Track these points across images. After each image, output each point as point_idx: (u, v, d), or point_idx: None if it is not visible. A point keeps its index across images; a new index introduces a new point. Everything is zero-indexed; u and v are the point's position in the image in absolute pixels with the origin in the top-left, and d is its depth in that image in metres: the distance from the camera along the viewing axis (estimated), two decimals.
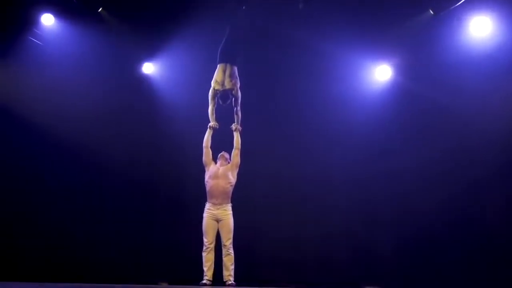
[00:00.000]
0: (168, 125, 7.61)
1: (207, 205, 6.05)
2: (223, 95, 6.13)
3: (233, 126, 6.21)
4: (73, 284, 5.77)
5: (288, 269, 7.32)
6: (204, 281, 5.86)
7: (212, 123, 6.17)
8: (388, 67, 7.68)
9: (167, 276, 7.08)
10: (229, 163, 6.19)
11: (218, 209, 6.00)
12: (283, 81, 7.74)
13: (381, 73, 7.75)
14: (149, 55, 7.72)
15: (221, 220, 6.00)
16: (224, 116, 6.21)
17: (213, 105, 6.20)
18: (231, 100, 6.18)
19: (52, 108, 7.16)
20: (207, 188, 6.05)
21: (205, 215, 6.03)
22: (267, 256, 7.33)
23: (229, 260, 5.93)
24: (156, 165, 7.61)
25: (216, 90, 6.13)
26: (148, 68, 7.81)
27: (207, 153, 6.13)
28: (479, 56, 6.91)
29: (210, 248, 5.93)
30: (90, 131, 7.33)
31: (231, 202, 6.07)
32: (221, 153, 6.26)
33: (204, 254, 5.93)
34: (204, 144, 6.15)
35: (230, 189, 6.07)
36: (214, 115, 6.19)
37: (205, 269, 5.90)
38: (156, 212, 7.51)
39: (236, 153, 6.12)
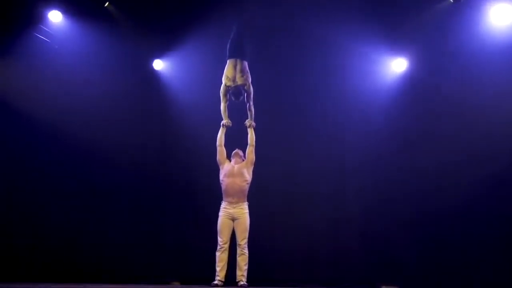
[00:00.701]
0: (180, 123, 7.45)
1: (223, 204, 5.94)
2: (235, 92, 5.98)
3: (247, 123, 6.10)
4: (84, 284, 5.71)
5: (302, 269, 7.16)
6: (215, 282, 5.75)
7: (225, 121, 6.06)
8: (404, 59, 7.40)
9: (179, 276, 6.96)
10: (243, 160, 6.07)
11: (234, 207, 5.89)
12: (296, 74, 7.53)
13: (397, 66, 7.49)
14: (159, 51, 7.55)
15: (237, 219, 5.88)
16: (236, 113, 6.07)
17: (225, 102, 6.07)
18: (244, 96, 6.03)
19: (59, 106, 7.03)
20: (223, 187, 5.94)
21: (220, 213, 5.92)
22: (280, 256, 7.15)
23: (243, 260, 5.81)
24: (168, 163, 7.47)
25: (228, 86, 5.99)
26: (159, 64, 7.65)
27: (221, 151, 6.02)
28: (501, 45, 6.61)
29: (224, 248, 5.82)
30: (99, 129, 7.19)
31: (247, 200, 5.93)
32: (235, 150, 6.15)
33: (218, 254, 5.82)
34: (217, 143, 6.03)
35: (246, 187, 5.95)
36: (227, 113, 6.06)
37: (217, 269, 5.79)
38: (169, 211, 7.37)
39: (251, 150, 6.02)
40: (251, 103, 6.07)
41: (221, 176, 5.97)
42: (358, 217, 7.31)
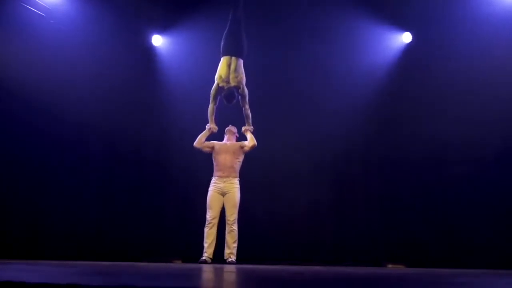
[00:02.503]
0: (180, 105, 7.24)
1: (213, 179, 5.77)
2: (228, 94, 5.55)
3: (244, 129, 5.80)
4: (86, 262, 5.59)
5: (306, 249, 7.01)
6: (204, 258, 5.55)
7: (210, 125, 5.71)
8: (409, 33, 7.25)
9: (180, 255, 6.84)
10: (237, 137, 5.87)
11: (224, 182, 5.69)
12: (300, 49, 7.35)
13: (402, 40, 7.33)
14: (159, 27, 7.32)
15: (226, 194, 5.68)
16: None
17: (214, 104, 5.67)
18: (237, 100, 5.64)
19: (52, 85, 6.59)
20: (215, 163, 5.78)
21: (210, 188, 5.75)
22: (281, 235, 7.01)
23: (231, 238, 5.60)
24: (167, 145, 7.31)
25: (220, 87, 5.57)
26: (158, 40, 7.43)
27: (204, 147, 5.75)
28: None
29: (212, 224, 5.63)
30: (95, 110, 6.92)
31: (239, 177, 5.78)
32: (228, 127, 5.95)
33: (206, 229, 5.62)
34: (195, 143, 5.73)
35: (238, 164, 5.77)
36: (214, 116, 5.69)
37: (205, 245, 5.59)
38: (169, 191, 7.25)
39: (249, 147, 5.75)
40: (247, 106, 5.66)
41: (213, 154, 5.78)
42: (362, 193, 7.17)
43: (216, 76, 5.61)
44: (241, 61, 5.63)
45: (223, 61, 5.62)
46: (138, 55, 7.31)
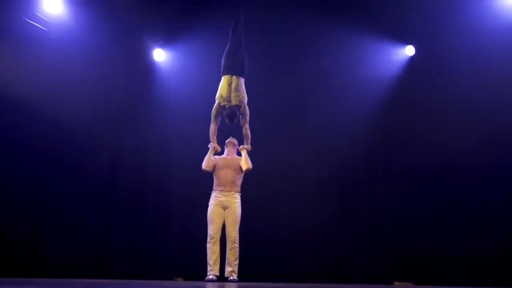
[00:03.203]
0: (180, 120, 7.15)
1: (214, 193, 5.63)
2: (230, 114, 5.45)
3: (241, 147, 5.69)
4: (88, 280, 5.47)
5: (311, 266, 6.84)
6: (210, 277, 5.39)
7: (214, 145, 5.64)
8: (412, 47, 7.25)
9: (182, 271, 6.69)
10: (238, 148, 5.77)
11: (226, 196, 5.56)
12: (300, 64, 7.32)
13: (405, 53, 7.32)
14: (161, 40, 7.28)
15: (228, 208, 5.54)
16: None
17: (216, 124, 5.59)
18: (238, 119, 5.56)
19: (52, 97, 6.58)
20: (215, 178, 5.65)
21: (211, 202, 5.60)
22: (286, 251, 6.88)
23: (233, 255, 5.43)
24: (170, 157, 7.18)
25: (222, 106, 5.48)
26: (158, 54, 7.40)
27: (211, 168, 5.64)
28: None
29: (215, 239, 5.46)
30: (98, 123, 6.90)
31: (240, 191, 5.65)
32: (229, 139, 5.83)
33: (208, 245, 5.46)
34: (204, 166, 5.61)
35: (240, 179, 5.65)
36: (216, 136, 5.63)
37: (210, 262, 5.43)
38: (171, 207, 7.11)
39: (245, 169, 5.63)
40: (247, 126, 5.56)
41: (215, 169, 5.66)
42: (369, 210, 7.03)
43: (217, 96, 5.54)
44: (242, 80, 5.57)
45: (224, 80, 5.57)
46: (138, 69, 7.27)
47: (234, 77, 5.53)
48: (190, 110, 7.05)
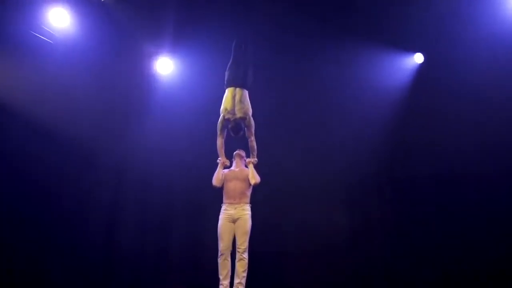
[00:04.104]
0: (185, 133, 7.12)
1: (224, 206, 5.58)
2: (234, 127, 5.42)
3: (248, 160, 5.63)
4: None
5: (323, 277, 6.77)
6: None
7: (222, 159, 5.60)
8: (421, 54, 7.15)
9: (185, 283, 6.73)
10: (245, 160, 5.73)
11: (235, 208, 5.51)
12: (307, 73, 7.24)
13: (414, 61, 7.23)
14: (165, 51, 7.21)
15: (237, 220, 5.48)
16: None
17: (222, 138, 5.53)
18: (244, 131, 5.51)
19: (54, 108, 6.52)
20: (224, 190, 5.61)
21: (220, 216, 5.55)
22: (296, 264, 6.85)
23: (241, 267, 5.35)
24: (175, 167, 7.19)
25: (226, 119, 5.44)
26: (164, 65, 7.32)
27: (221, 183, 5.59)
28: None
29: (225, 255, 5.42)
30: (102, 132, 6.88)
31: (250, 203, 5.59)
32: (236, 151, 5.77)
33: (219, 261, 5.42)
34: (214, 183, 5.55)
35: (249, 191, 5.60)
36: (223, 149, 5.58)
37: (221, 277, 5.40)
38: (174, 217, 7.12)
39: (253, 183, 5.55)
40: (253, 138, 5.49)
41: (223, 178, 5.61)
42: (378, 223, 6.95)
43: (222, 109, 5.51)
44: (246, 92, 5.55)
45: (228, 93, 5.54)
46: (143, 81, 7.24)
47: (238, 89, 5.50)
48: (196, 121, 7.03)
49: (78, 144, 6.79)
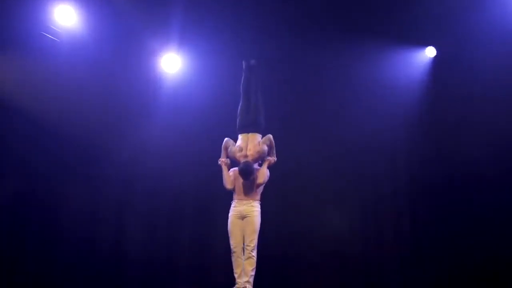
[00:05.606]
0: (195, 128, 7.02)
1: (233, 203, 5.52)
2: (245, 169, 5.26)
3: (267, 159, 5.50)
4: None
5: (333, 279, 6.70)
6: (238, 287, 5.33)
7: (222, 158, 5.54)
8: (433, 47, 7.05)
9: (197, 282, 6.69)
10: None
11: (244, 205, 5.44)
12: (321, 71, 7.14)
13: (426, 55, 7.11)
14: (171, 46, 7.07)
15: (246, 217, 5.42)
16: None
17: (225, 157, 5.51)
18: (254, 175, 5.35)
19: (61, 106, 6.53)
20: (235, 187, 5.51)
21: (230, 214, 5.50)
22: (306, 266, 6.77)
23: (250, 265, 5.30)
24: (181, 168, 7.07)
25: (239, 157, 5.35)
26: (170, 61, 7.19)
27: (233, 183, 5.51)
28: None
29: (237, 253, 5.38)
30: (110, 131, 6.83)
31: (261, 200, 5.50)
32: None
33: (233, 259, 5.39)
34: (227, 186, 5.46)
35: (260, 187, 5.52)
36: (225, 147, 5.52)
37: (236, 275, 5.36)
38: (183, 218, 7.06)
39: (259, 183, 5.43)
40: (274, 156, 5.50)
41: (232, 177, 5.51)
42: (392, 233, 6.85)
43: (233, 149, 5.45)
44: (259, 136, 5.51)
45: (241, 139, 5.51)
46: (149, 80, 7.14)
47: (250, 134, 5.49)
48: (200, 127, 6.99)
49: (85, 143, 6.76)
